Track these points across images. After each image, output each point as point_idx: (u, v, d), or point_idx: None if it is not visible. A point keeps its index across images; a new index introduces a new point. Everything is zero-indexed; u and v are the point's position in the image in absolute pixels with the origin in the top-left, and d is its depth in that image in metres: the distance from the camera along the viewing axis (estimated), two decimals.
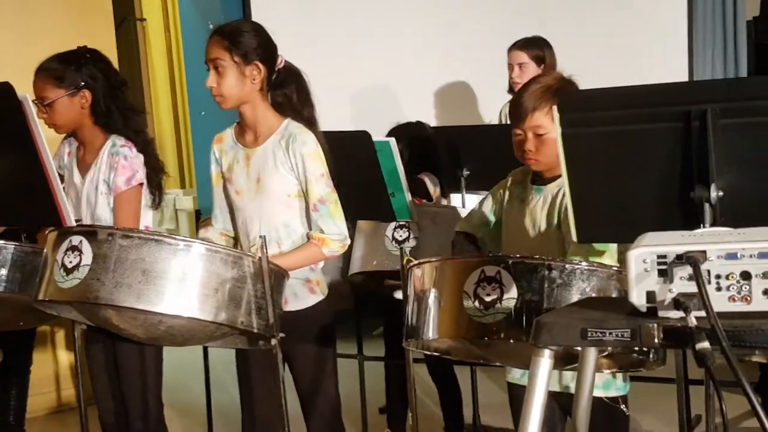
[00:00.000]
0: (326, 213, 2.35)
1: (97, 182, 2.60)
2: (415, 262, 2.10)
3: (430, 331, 2.00)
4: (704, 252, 1.17)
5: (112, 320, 2.11)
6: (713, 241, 1.18)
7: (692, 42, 5.18)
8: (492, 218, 2.40)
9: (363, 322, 3.52)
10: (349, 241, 2.38)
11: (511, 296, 1.88)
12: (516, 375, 2.30)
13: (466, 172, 3.61)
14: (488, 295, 1.89)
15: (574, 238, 1.92)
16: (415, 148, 3.34)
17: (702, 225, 1.75)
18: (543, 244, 2.21)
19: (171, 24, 6.23)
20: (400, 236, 2.94)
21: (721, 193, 1.73)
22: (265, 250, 2.08)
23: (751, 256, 1.15)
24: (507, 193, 2.41)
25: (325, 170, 2.37)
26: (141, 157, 2.62)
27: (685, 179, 1.75)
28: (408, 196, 2.89)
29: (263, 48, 2.39)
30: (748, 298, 1.16)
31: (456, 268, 2.00)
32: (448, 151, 3.60)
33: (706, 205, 1.73)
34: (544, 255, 2.07)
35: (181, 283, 2.01)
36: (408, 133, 3.41)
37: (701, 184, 1.73)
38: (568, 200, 1.89)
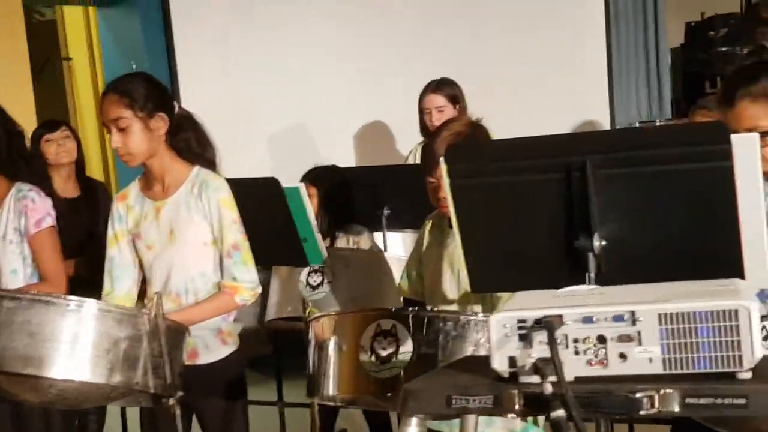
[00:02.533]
0: (240, 260, 2.32)
1: (5, 231, 2.54)
2: (315, 315, 2.09)
3: (331, 388, 1.98)
4: (561, 316, 1.17)
5: (1, 385, 2.05)
6: (570, 305, 1.19)
7: (612, 73, 5.28)
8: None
9: (287, 363, 3.47)
10: (260, 289, 2.37)
11: (406, 350, 1.87)
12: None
13: (386, 211, 3.61)
14: (384, 349, 1.88)
15: (469, 288, 1.92)
16: (330, 191, 3.33)
17: (587, 274, 1.77)
18: (461, 288, 2.21)
19: (97, 63, 6.15)
20: (315, 281, 2.92)
21: (604, 243, 1.74)
22: (160, 308, 2.04)
23: (606, 320, 1.16)
24: (426, 238, 2.41)
25: (238, 216, 2.36)
26: (49, 201, 2.59)
27: (570, 229, 1.76)
28: (320, 241, 2.88)
29: (162, 98, 2.37)
30: (605, 362, 1.16)
31: (353, 322, 1.99)
32: (367, 191, 3.60)
33: (590, 255, 1.75)
34: (462, 299, 2.07)
35: (71, 345, 1.96)
36: (322, 177, 3.40)
37: (584, 234, 1.74)
38: (460, 251, 1.89)
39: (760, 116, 1.96)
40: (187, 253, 2.33)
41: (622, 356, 1.15)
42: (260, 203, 2.73)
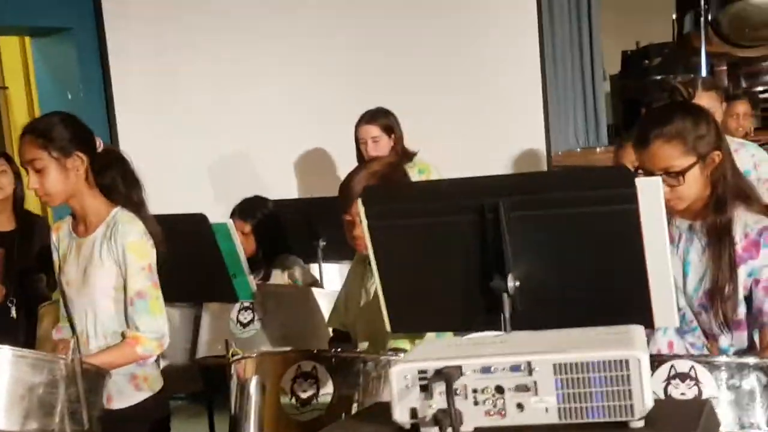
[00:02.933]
0: (144, 308, 2.27)
1: None
2: (238, 356, 2.07)
3: (252, 430, 1.97)
4: (460, 367, 1.18)
5: None
6: (469, 355, 1.20)
7: (547, 102, 5.37)
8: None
9: (219, 399, 3.42)
10: (166, 340, 2.29)
11: (326, 392, 1.87)
12: None
13: (322, 243, 3.61)
14: (305, 391, 1.87)
15: (388, 328, 1.93)
16: (262, 223, 3.33)
17: (502, 314, 1.79)
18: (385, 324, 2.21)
19: (33, 93, 6.06)
20: (245, 319, 2.90)
21: (517, 283, 1.77)
22: (77, 352, 2.00)
23: (503, 370, 1.17)
24: (353, 272, 2.42)
25: (148, 263, 2.30)
26: None
27: (485, 270, 1.78)
28: (250, 277, 2.86)
29: (79, 136, 2.33)
30: (503, 413, 1.17)
31: (274, 363, 1.98)
32: (304, 222, 3.60)
33: (504, 296, 1.77)
34: (388, 335, 2.06)
35: None
36: (252, 210, 3.40)
37: (499, 275, 1.77)
38: (379, 291, 1.90)
39: (673, 156, 2.01)
40: (97, 296, 2.29)
41: (520, 406, 1.17)
42: (188, 239, 2.71)
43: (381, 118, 3.98)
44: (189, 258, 2.68)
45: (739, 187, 2.07)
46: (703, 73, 6.32)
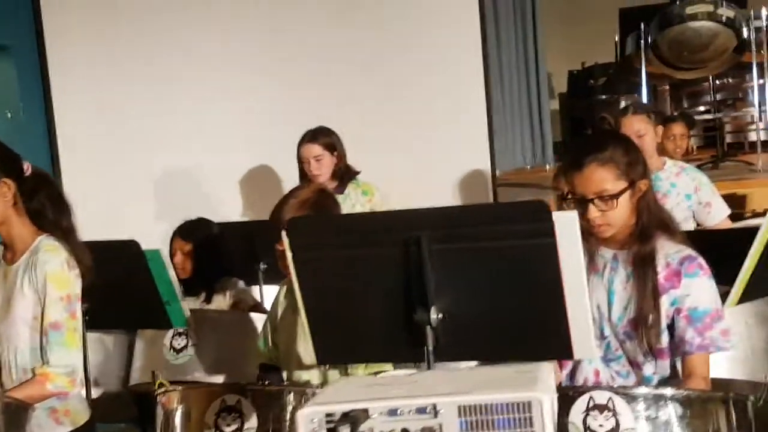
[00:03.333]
0: (57, 340, 2.19)
1: None
2: (163, 389, 2.04)
3: None
4: (366, 410, 1.18)
5: None
6: (377, 398, 1.20)
7: (491, 122, 5.43)
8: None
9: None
10: (79, 375, 2.22)
11: (251, 426, 1.86)
12: None
13: (263, 266, 3.59)
14: (228, 425, 1.86)
15: (315, 359, 1.93)
16: (203, 244, 3.30)
17: (425, 347, 1.80)
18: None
19: None
20: (179, 345, 2.87)
21: (441, 315, 1.78)
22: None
23: (410, 412, 1.18)
24: (281, 303, 2.40)
25: (67, 294, 2.23)
26: None
27: (408, 303, 1.79)
28: (183, 304, 2.83)
29: (4, 162, 2.29)
30: None
31: (199, 396, 1.96)
32: (245, 244, 3.58)
33: (427, 328, 1.78)
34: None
35: None
36: (194, 231, 3.37)
37: (422, 307, 1.78)
38: (304, 322, 1.89)
39: (607, 180, 2.05)
40: (19, 326, 2.23)
41: None
42: (121, 266, 2.68)
43: (323, 136, 3.98)
44: (122, 285, 2.65)
45: (660, 217, 2.12)
46: (644, 93, 6.45)
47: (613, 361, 2.13)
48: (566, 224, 1.69)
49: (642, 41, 6.14)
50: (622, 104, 7.72)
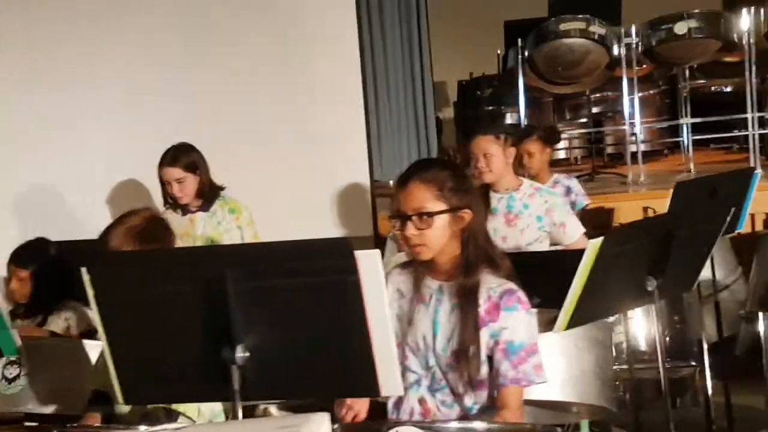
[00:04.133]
0: None
1: None
2: None
3: None
4: None
5: None
6: None
7: (370, 134, 5.43)
8: None
9: None
10: None
11: None
12: None
13: None
14: None
15: (121, 400, 1.86)
16: (42, 268, 3.18)
17: (232, 387, 1.76)
18: None
19: None
20: (11, 374, 2.74)
21: (247, 354, 1.74)
22: None
23: None
24: None
25: None
26: None
27: (215, 341, 1.75)
28: (14, 332, 2.71)
29: None
30: None
31: None
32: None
33: (233, 368, 1.74)
34: None
35: None
36: (30, 257, 3.24)
37: (227, 346, 1.74)
38: (108, 362, 1.83)
39: (426, 198, 2.08)
40: None
41: None
42: None
43: (183, 157, 3.85)
44: None
45: (487, 252, 2.14)
46: (521, 107, 6.58)
47: (438, 390, 2.14)
48: (369, 262, 1.68)
49: (520, 56, 6.25)
50: (508, 117, 7.90)
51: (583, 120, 8.04)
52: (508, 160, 3.50)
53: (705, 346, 3.85)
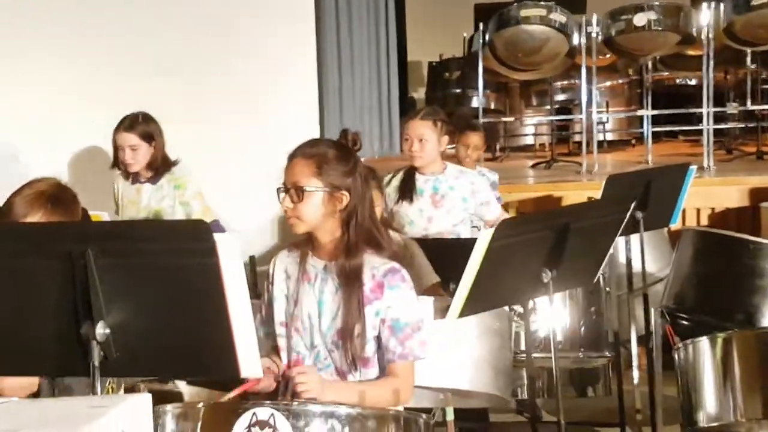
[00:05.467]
0: None
1: None
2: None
3: None
4: None
5: None
6: None
7: (323, 109, 5.42)
8: None
9: None
10: None
11: None
12: None
13: None
14: None
15: None
16: None
17: (91, 363, 1.76)
18: None
19: None
20: None
21: (108, 330, 1.75)
22: None
23: None
24: None
25: None
26: None
27: (79, 316, 1.75)
28: None
29: None
30: None
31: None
32: None
33: (93, 343, 1.74)
34: None
35: None
36: None
37: (88, 322, 1.74)
38: None
39: (304, 174, 2.12)
40: None
41: None
42: None
43: (140, 125, 3.85)
44: None
45: (371, 234, 2.15)
46: (480, 90, 6.57)
47: (323, 370, 2.15)
48: (228, 245, 1.68)
49: (480, 40, 6.24)
50: (473, 101, 7.89)
51: (548, 107, 8.05)
52: (440, 146, 3.54)
53: (634, 337, 3.92)
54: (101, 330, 1.74)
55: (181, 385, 2.95)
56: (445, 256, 2.96)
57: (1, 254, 1.75)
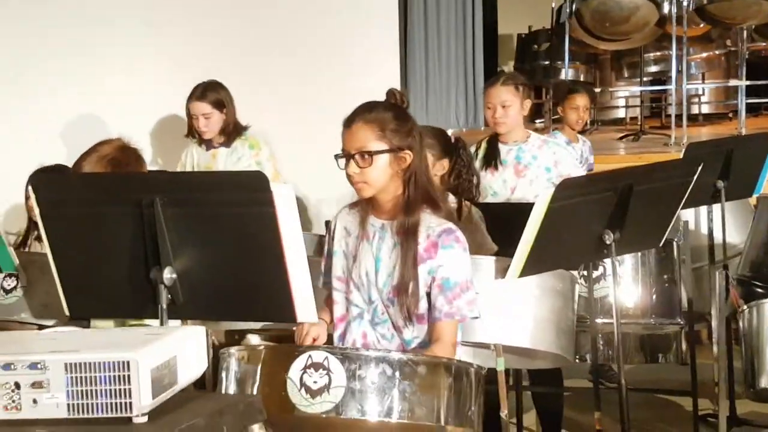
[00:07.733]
0: None
1: None
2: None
3: None
4: None
5: None
6: None
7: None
8: None
9: None
10: None
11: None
12: None
13: None
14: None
15: (68, 312, 2.01)
16: None
17: (160, 305, 1.88)
18: None
19: None
20: (9, 285, 2.93)
21: (175, 275, 1.86)
22: None
23: (23, 367, 1.26)
24: None
25: None
26: None
27: (146, 262, 1.87)
28: (10, 249, 2.89)
29: None
30: (19, 407, 1.27)
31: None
32: None
33: (161, 287, 1.86)
34: None
35: None
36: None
37: (156, 267, 1.86)
38: (55, 277, 1.97)
39: (368, 138, 2.14)
40: None
41: (35, 401, 1.26)
42: None
43: (212, 93, 4.01)
44: None
45: (428, 192, 2.19)
46: (566, 61, 6.47)
47: (379, 324, 2.22)
48: (284, 196, 1.77)
49: (568, 9, 6.15)
50: (561, 73, 7.77)
51: (644, 79, 7.84)
52: (524, 110, 3.50)
53: (715, 310, 3.83)
54: (168, 275, 1.85)
55: (254, 340, 3.08)
56: (507, 221, 2.96)
57: (78, 202, 1.89)
